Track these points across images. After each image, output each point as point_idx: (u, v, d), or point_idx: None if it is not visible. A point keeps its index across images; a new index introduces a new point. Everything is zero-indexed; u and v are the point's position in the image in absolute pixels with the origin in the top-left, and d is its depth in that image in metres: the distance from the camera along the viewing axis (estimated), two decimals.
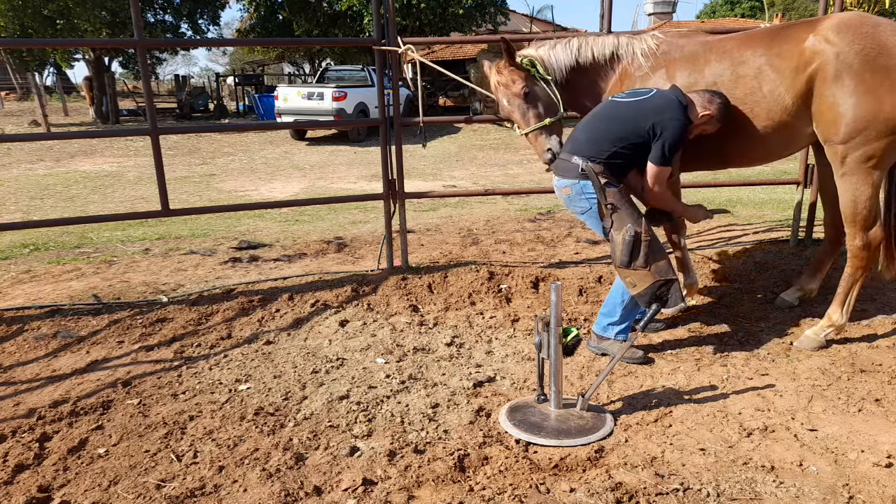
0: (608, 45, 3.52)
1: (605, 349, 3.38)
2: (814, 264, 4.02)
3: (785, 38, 3.21)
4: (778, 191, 7.35)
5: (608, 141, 3.10)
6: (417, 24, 18.84)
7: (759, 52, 3.22)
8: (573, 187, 3.14)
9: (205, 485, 2.35)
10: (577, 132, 3.26)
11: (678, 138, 3.07)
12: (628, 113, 3.13)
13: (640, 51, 3.47)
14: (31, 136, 13.29)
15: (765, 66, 3.19)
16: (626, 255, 3.03)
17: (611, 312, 3.33)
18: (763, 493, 2.25)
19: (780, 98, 3.17)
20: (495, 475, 2.37)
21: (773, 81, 3.17)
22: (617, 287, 3.28)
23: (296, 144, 15.65)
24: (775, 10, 31.95)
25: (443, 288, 4.43)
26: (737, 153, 3.45)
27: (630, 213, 3.06)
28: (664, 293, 3.03)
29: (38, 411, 2.89)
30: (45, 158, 12.85)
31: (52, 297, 4.40)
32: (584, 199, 3.13)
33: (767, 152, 3.46)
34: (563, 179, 3.20)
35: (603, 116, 3.22)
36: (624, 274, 3.09)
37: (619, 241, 3.04)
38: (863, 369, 3.16)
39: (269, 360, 3.43)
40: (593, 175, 3.06)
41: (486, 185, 9.68)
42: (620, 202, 3.07)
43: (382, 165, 4.62)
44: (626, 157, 3.10)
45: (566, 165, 3.18)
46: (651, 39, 3.50)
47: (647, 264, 3.02)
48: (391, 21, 4.34)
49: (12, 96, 32.59)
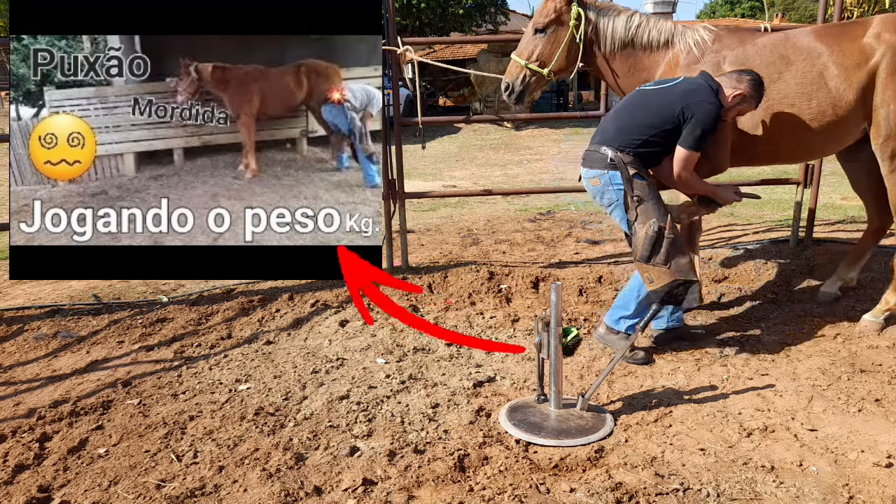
0: (665, 32, 3.48)
1: (611, 342, 3.34)
2: (854, 254, 4.08)
3: (843, 35, 3.31)
4: (778, 191, 7.34)
5: (638, 130, 3.04)
6: (417, 24, 18.83)
7: (821, 50, 3.30)
8: (601, 178, 3.09)
9: (205, 485, 2.36)
10: (605, 123, 3.21)
11: (710, 122, 2.99)
12: (657, 100, 3.08)
13: (694, 41, 3.44)
14: None
15: (829, 63, 3.26)
16: (646, 251, 2.98)
17: (625, 305, 3.30)
18: (763, 493, 2.26)
19: (842, 94, 3.26)
20: (495, 475, 2.37)
21: (837, 78, 3.25)
22: (635, 280, 3.25)
23: None
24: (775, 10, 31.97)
25: (443, 288, 4.44)
26: (792, 149, 3.52)
27: (655, 208, 3.01)
28: (681, 293, 3.00)
29: (38, 411, 2.89)
30: None
31: (53, 297, 4.40)
32: (613, 190, 3.07)
33: (821, 148, 3.57)
34: (591, 170, 3.14)
35: (632, 106, 3.17)
36: (643, 269, 3.05)
37: (642, 235, 2.99)
38: (863, 369, 3.16)
39: (269, 360, 3.44)
40: (622, 165, 3.01)
41: (486, 185, 9.68)
42: (647, 195, 3.01)
43: (382, 165, 4.61)
44: (656, 145, 3.05)
45: (595, 156, 3.12)
46: (704, 31, 3.46)
47: (667, 262, 2.97)
48: (391, 21, 4.34)
49: None
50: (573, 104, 24.49)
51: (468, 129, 17.43)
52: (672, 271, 2.97)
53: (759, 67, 3.29)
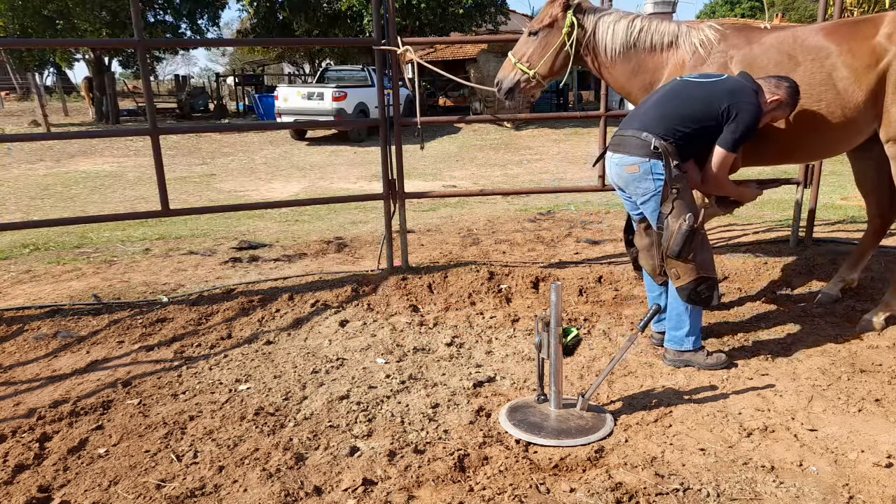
0: (668, 34, 3.46)
1: (688, 361, 3.21)
2: (855, 255, 4.05)
3: (853, 34, 3.25)
4: (778, 191, 7.34)
5: (678, 120, 2.95)
6: (417, 24, 18.82)
7: (830, 50, 3.24)
8: (641, 165, 2.95)
9: (205, 485, 2.35)
10: (644, 108, 3.10)
11: (752, 123, 2.94)
12: (701, 94, 2.98)
13: (700, 42, 3.40)
14: (31, 136, 13.27)
15: (838, 64, 3.21)
16: (678, 245, 2.93)
17: (679, 325, 3.18)
18: (763, 493, 2.25)
19: (852, 95, 3.21)
20: (495, 475, 2.37)
21: (846, 79, 3.20)
22: (674, 298, 3.15)
23: (296, 144, 15.65)
24: (775, 10, 31.94)
25: (443, 288, 4.43)
26: (805, 149, 3.50)
27: (690, 203, 2.97)
28: (704, 291, 2.99)
29: (38, 411, 2.89)
30: (45, 158, 12.86)
31: (53, 297, 4.40)
32: (652, 179, 2.95)
33: (830, 148, 3.53)
34: (629, 156, 2.99)
35: (673, 94, 3.06)
36: (671, 264, 3.02)
37: (675, 229, 2.94)
38: (863, 369, 3.16)
39: (269, 360, 3.44)
40: (667, 154, 2.91)
41: (486, 185, 9.68)
42: (685, 189, 2.96)
43: (382, 165, 4.62)
44: (693, 140, 2.97)
45: (635, 142, 2.97)
46: (710, 31, 3.42)
47: (695, 258, 2.96)
48: (391, 21, 4.34)
49: (12, 96, 32.60)
50: (573, 104, 24.50)
51: (468, 129, 17.43)
52: (697, 267, 2.97)
53: (767, 67, 3.27)
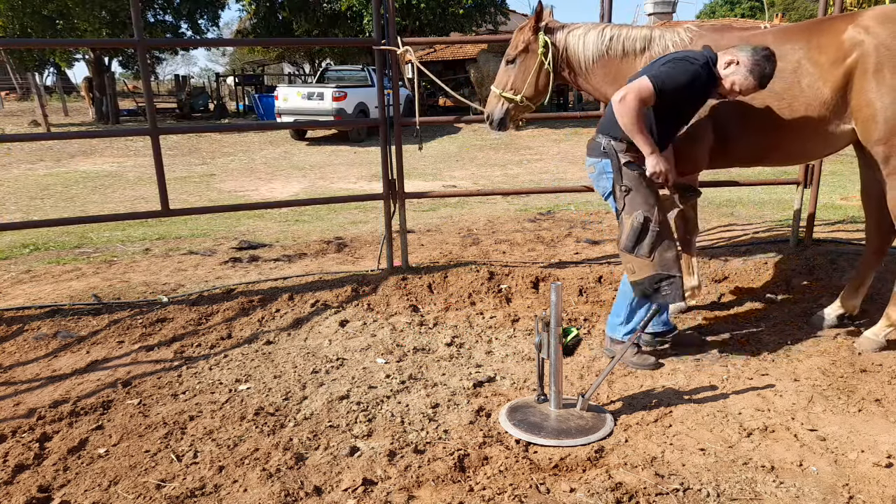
0: (640, 39, 3.44)
1: (615, 353, 3.27)
2: (856, 279, 3.68)
3: (823, 30, 3.14)
4: (778, 191, 7.34)
5: None
6: (417, 24, 18.82)
7: (798, 46, 3.14)
8: (596, 165, 3.13)
9: (205, 485, 2.36)
10: (606, 112, 3.21)
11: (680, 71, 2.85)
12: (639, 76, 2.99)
13: (673, 43, 3.38)
14: (31, 136, 13.27)
15: (803, 60, 3.11)
16: (630, 241, 2.99)
17: (618, 312, 3.29)
18: (763, 493, 2.26)
19: (818, 92, 3.09)
20: (495, 475, 2.37)
21: (812, 75, 3.09)
22: (624, 286, 3.22)
23: (296, 144, 15.65)
24: (775, 10, 31.94)
25: (443, 288, 4.43)
26: (774, 150, 3.34)
27: (644, 199, 2.99)
28: (665, 288, 2.99)
29: (38, 411, 2.89)
30: (45, 158, 12.85)
31: (53, 297, 4.40)
32: (606, 178, 3.10)
33: (804, 150, 3.38)
34: (588, 158, 3.19)
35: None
36: (626, 259, 3.06)
37: (628, 225, 3.00)
38: (863, 369, 3.16)
39: (269, 360, 3.44)
40: (613, 153, 3.02)
41: (486, 185, 9.67)
42: (636, 185, 3.00)
43: (382, 165, 4.62)
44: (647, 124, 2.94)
45: (592, 143, 3.16)
46: (685, 33, 3.40)
47: (650, 254, 2.97)
48: (391, 21, 4.34)
49: (12, 96, 32.60)
50: (573, 104, 24.49)
51: (468, 128, 17.43)
52: (654, 264, 2.97)
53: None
